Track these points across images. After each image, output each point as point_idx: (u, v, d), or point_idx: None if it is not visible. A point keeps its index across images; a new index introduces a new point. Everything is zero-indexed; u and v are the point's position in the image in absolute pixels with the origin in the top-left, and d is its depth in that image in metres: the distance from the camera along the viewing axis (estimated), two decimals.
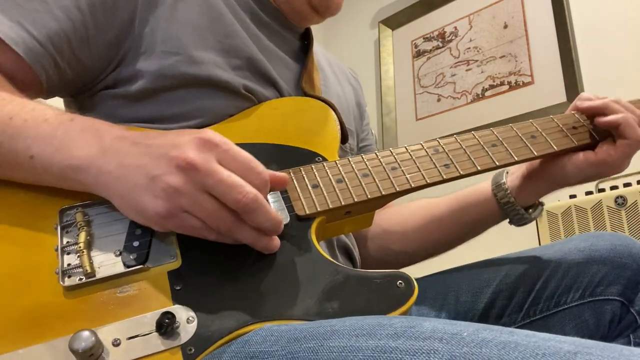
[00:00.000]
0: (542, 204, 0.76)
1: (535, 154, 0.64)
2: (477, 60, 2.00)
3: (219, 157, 0.47)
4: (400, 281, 0.50)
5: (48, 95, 0.64)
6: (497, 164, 0.62)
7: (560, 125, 0.68)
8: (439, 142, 0.64)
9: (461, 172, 0.61)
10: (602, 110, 0.67)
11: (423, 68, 2.19)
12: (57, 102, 0.67)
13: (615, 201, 1.27)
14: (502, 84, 1.91)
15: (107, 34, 0.62)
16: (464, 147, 0.64)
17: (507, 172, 0.76)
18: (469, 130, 0.68)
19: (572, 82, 1.70)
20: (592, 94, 0.71)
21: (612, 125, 0.66)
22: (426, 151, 0.63)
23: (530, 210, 0.74)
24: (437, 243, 0.83)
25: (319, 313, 0.48)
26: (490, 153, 0.63)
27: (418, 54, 2.23)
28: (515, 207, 0.74)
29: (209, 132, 0.48)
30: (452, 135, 0.65)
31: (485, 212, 0.77)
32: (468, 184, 0.76)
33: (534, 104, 1.79)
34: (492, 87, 1.93)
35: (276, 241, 0.52)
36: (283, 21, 0.77)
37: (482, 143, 0.64)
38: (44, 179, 0.53)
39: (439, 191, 0.72)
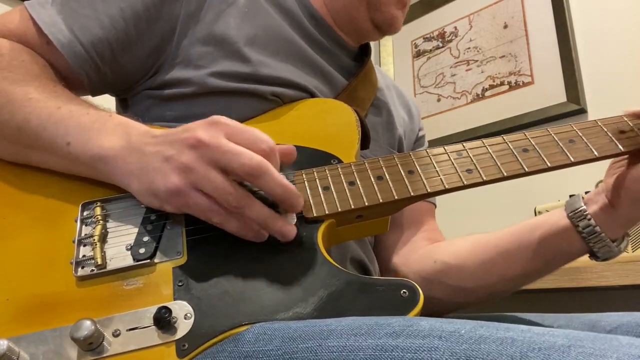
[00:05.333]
0: (627, 235, 0.67)
1: (572, 160, 0.58)
2: (477, 60, 2.01)
3: (226, 133, 0.50)
4: (404, 290, 0.48)
5: (92, 93, 0.69)
6: (527, 170, 0.58)
7: (605, 129, 0.61)
8: (463, 146, 0.60)
9: (484, 178, 0.57)
10: None
11: (423, 68, 2.20)
12: (106, 99, 0.72)
13: None
14: (502, 84, 1.91)
15: (148, 43, 0.66)
16: (490, 151, 0.59)
17: (582, 198, 0.66)
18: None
19: (572, 82, 1.71)
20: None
21: None
22: (448, 155, 0.59)
23: (615, 243, 0.65)
24: (501, 279, 0.73)
25: (315, 317, 0.47)
26: (519, 158, 0.58)
27: (418, 54, 2.23)
28: (603, 240, 0.64)
29: (216, 116, 0.52)
30: (479, 138, 0.61)
31: (565, 244, 0.67)
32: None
33: (534, 104, 1.80)
34: (492, 87, 1.94)
35: (292, 228, 0.52)
36: (337, 39, 0.78)
37: (511, 147, 0.59)
38: (75, 166, 0.56)
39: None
